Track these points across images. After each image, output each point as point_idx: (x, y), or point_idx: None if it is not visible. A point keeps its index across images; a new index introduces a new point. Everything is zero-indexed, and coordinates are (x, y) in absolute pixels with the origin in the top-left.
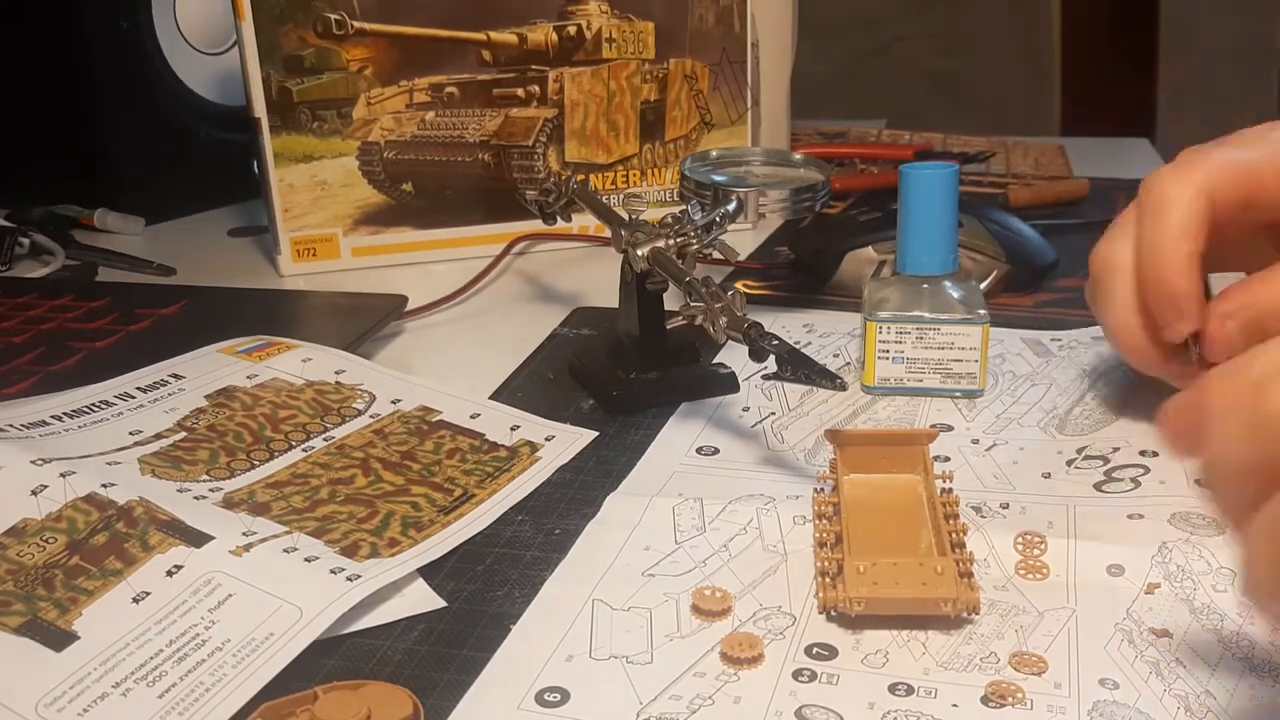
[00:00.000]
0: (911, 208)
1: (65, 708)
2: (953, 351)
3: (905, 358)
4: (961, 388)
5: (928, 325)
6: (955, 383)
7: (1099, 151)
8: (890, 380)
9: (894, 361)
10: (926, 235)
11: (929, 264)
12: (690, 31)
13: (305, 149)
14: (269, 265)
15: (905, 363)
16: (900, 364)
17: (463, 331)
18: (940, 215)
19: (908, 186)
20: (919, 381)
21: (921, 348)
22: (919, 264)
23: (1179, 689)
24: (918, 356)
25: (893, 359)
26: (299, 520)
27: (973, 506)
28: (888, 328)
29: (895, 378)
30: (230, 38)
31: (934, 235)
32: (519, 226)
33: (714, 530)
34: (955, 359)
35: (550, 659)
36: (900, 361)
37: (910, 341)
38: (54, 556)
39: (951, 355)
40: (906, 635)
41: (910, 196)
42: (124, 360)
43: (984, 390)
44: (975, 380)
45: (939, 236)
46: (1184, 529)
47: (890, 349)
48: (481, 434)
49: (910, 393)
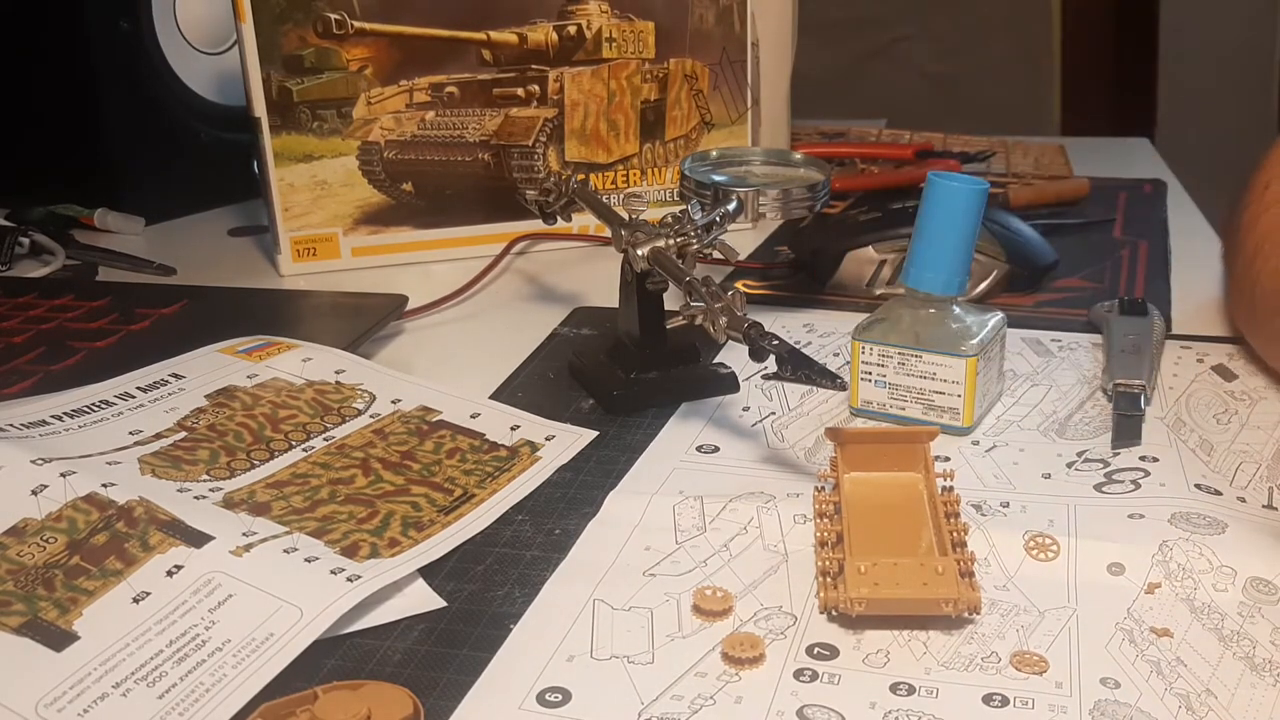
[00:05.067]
0: (929, 219)
1: (65, 708)
2: (934, 383)
3: (887, 383)
4: (944, 422)
5: (909, 353)
6: (938, 416)
7: (1099, 151)
8: (873, 404)
9: (876, 385)
10: (938, 252)
11: (933, 282)
12: (690, 31)
13: (305, 149)
14: (269, 265)
15: (887, 388)
16: (882, 388)
17: (463, 331)
18: (958, 233)
19: (930, 195)
20: (901, 410)
21: (903, 374)
22: (921, 280)
23: (1180, 688)
24: (899, 383)
25: (875, 382)
26: (299, 520)
27: (973, 505)
28: (870, 349)
29: (878, 402)
30: (230, 38)
31: (946, 253)
32: (519, 226)
33: (714, 530)
34: (938, 390)
35: (551, 659)
36: (882, 386)
37: (891, 367)
38: (54, 556)
39: (934, 386)
40: (908, 635)
41: (930, 206)
42: (124, 360)
43: (971, 427)
44: (959, 415)
45: (951, 255)
46: (1184, 529)
47: (873, 372)
48: (481, 434)
49: (892, 420)
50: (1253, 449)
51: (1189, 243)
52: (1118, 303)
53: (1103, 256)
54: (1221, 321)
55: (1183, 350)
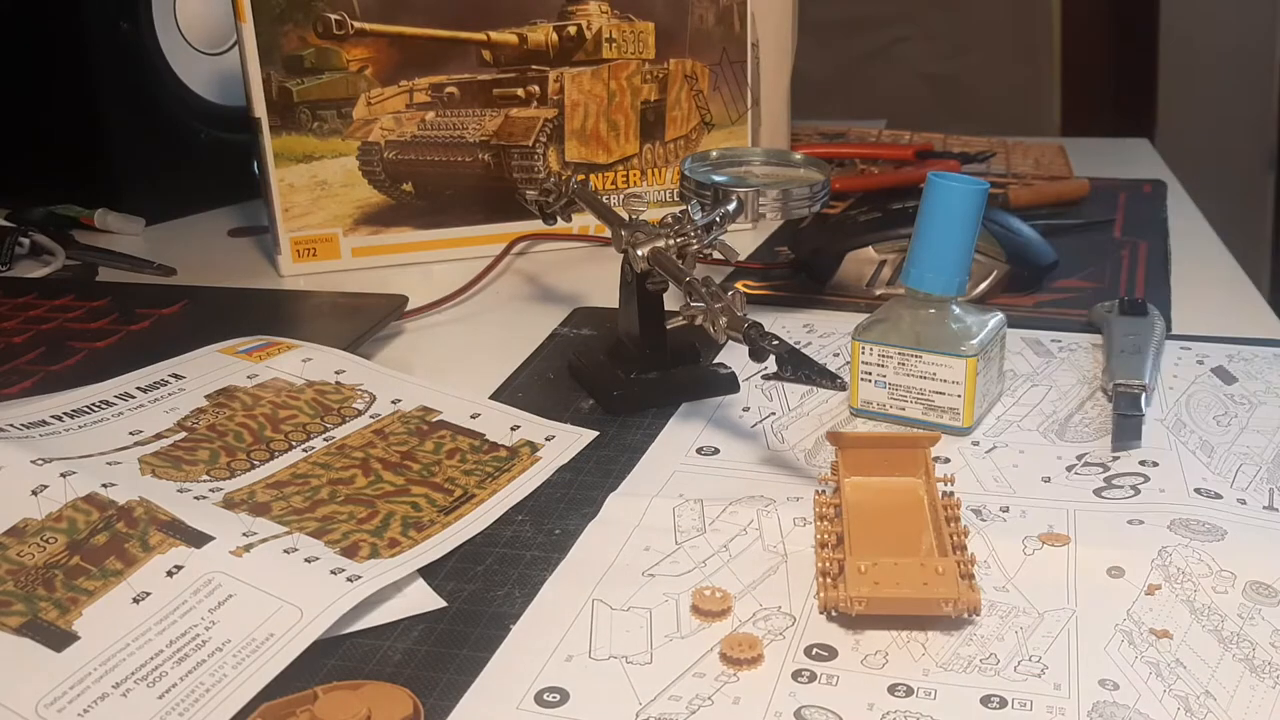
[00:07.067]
0: (929, 219)
1: (65, 708)
2: (934, 383)
3: (887, 383)
4: (944, 422)
5: (909, 353)
6: (938, 416)
7: (1099, 151)
8: (873, 404)
9: (876, 385)
10: (938, 252)
11: (933, 282)
12: (690, 31)
13: (305, 149)
14: (269, 265)
15: (887, 388)
16: (882, 388)
17: (463, 331)
18: (958, 233)
19: (930, 196)
20: (901, 410)
21: (903, 375)
22: (921, 280)
23: (1179, 690)
24: (899, 384)
25: (875, 382)
26: (299, 521)
27: (972, 509)
28: (870, 349)
29: (878, 402)
30: (230, 38)
31: (946, 253)
32: (519, 226)
33: (714, 531)
34: (938, 391)
35: (550, 659)
36: (882, 386)
37: (892, 367)
38: (54, 556)
39: (934, 387)
40: (906, 636)
41: (930, 206)
42: (124, 360)
43: (971, 428)
44: (959, 416)
45: (951, 256)
46: (1184, 535)
47: (873, 372)
48: (481, 434)
49: (892, 420)
50: (1253, 451)
51: (1189, 243)
52: (1118, 303)
53: (1103, 257)
54: (1222, 322)
55: (1182, 351)
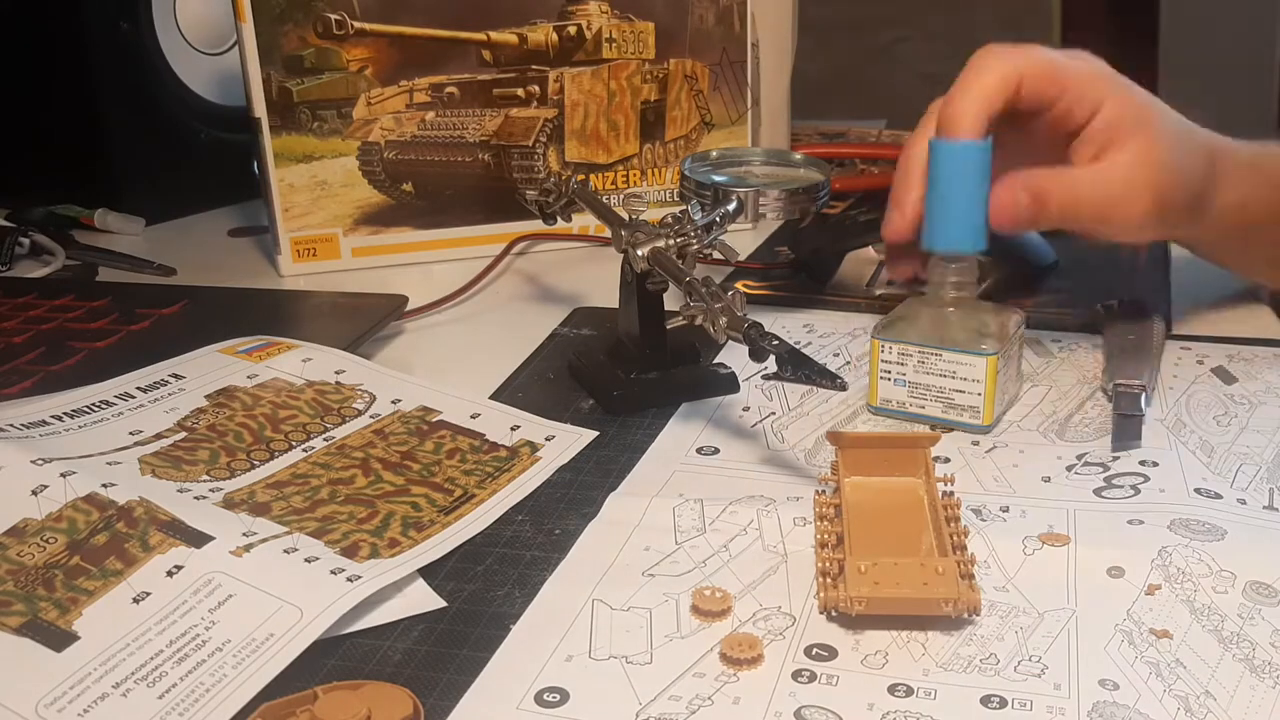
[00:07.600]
0: (937, 182)
1: (65, 708)
2: (955, 381)
3: (907, 381)
4: (964, 420)
5: (929, 350)
6: (958, 414)
7: None
8: (892, 403)
9: (895, 384)
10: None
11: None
12: (690, 31)
13: (305, 149)
14: (269, 265)
15: (907, 386)
16: (902, 387)
17: (463, 331)
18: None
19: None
20: (920, 408)
21: (923, 373)
22: (943, 237)
23: (1179, 690)
24: (919, 382)
25: (894, 381)
26: (299, 521)
27: (972, 509)
28: (890, 347)
29: (897, 400)
30: (230, 38)
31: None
32: (519, 226)
33: (714, 531)
34: (958, 389)
35: (550, 659)
36: (902, 384)
37: (912, 365)
38: (54, 556)
39: (954, 385)
40: (906, 636)
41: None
42: (124, 360)
43: (991, 426)
44: (979, 414)
45: (964, 213)
46: (1184, 535)
47: (892, 370)
48: (481, 434)
49: (912, 418)
50: (1253, 451)
51: None
52: (1118, 303)
53: (1103, 257)
54: (1221, 322)
55: (1182, 351)
